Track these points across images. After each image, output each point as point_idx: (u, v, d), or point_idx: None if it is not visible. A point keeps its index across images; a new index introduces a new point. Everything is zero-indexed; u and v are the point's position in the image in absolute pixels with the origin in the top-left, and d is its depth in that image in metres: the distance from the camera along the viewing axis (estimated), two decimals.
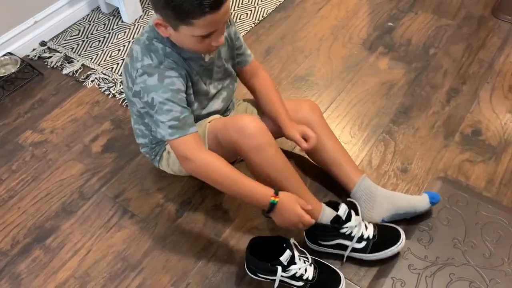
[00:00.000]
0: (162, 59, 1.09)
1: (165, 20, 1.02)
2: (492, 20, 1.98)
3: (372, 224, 1.23)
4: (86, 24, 2.06)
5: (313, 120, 1.34)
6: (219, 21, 1.00)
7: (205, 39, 1.03)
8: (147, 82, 1.07)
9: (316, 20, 2.03)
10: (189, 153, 1.08)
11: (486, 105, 1.66)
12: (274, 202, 1.10)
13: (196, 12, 0.95)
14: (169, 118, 1.07)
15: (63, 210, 1.42)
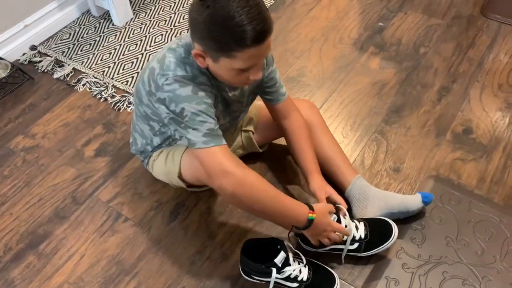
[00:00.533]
0: (197, 74, 1.05)
1: (205, 50, 0.99)
2: (481, 19, 2.00)
3: (363, 223, 1.24)
4: (76, 28, 2.05)
5: (312, 120, 1.37)
6: (261, 55, 0.98)
7: (243, 72, 1.01)
8: (177, 92, 1.02)
9: (307, 21, 2.04)
10: (231, 165, 1.01)
11: (477, 103, 1.67)
12: (312, 218, 1.10)
13: (239, 45, 0.93)
14: (204, 130, 1.03)
15: (56, 215, 1.42)
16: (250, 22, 0.90)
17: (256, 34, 0.92)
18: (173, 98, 1.03)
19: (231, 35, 0.92)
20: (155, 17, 2.08)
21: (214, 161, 1.02)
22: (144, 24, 2.05)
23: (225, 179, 1.01)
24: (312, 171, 1.27)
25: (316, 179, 1.26)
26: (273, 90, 1.28)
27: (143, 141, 1.30)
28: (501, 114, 1.63)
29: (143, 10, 2.12)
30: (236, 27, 0.90)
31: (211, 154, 1.03)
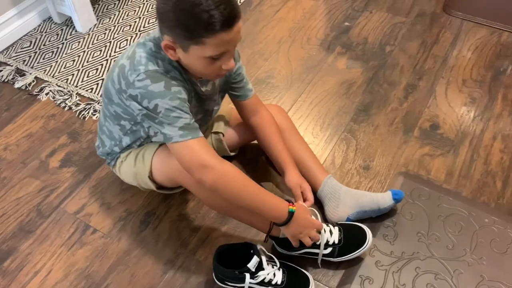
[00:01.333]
0: (169, 68, 1.04)
1: (174, 40, 0.97)
2: (443, 16, 2.04)
3: (338, 228, 1.23)
4: (37, 35, 1.99)
5: (281, 124, 1.37)
6: (231, 41, 0.96)
7: (215, 61, 0.99)
8: (149, 88, 1.00)
9: (274, 22, 2.03)
10: (210, 158, 1.00)
11: (442, 99, 1.70)
12: (293, 210, 1.09)
13: (208, 31, 0.92)
14: (179, 125, 1.01)
15: (21, 230, 1.37)
16: (217, 6, 0.90)
17: (224, 19, 0.91)
18: (145, 95, 1.01)
19: (199, 21, 0.91)
20: (119, 23, 2.04)
21: (192, 155, 1.01)
22: (108, 30, 2.01)
23: (205, 173, 1.00)
24: (287, 165, 1.27)
25: (292, 174, 1.26)
26: (241, 86, 1.28)
27: (111, 142, 1.26)
28: (466, 109, 1.66)
29: (107, 15, 2.07)
30: (203, 12, 0.90)
31: (189, 148, 1.01)
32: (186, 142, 1.01)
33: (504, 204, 1.39)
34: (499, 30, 1.95)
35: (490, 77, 1.77)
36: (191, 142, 1.01)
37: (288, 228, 1.12)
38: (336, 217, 1.30)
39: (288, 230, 1.12)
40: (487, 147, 1.54)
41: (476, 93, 1.71)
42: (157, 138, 1.06)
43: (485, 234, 1.31)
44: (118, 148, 1.26)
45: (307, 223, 1.13)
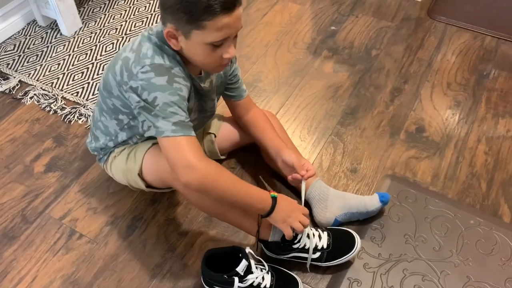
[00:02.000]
0: (174, 64, 1.04)
1: (176, 26, 0.98)
2: (428, 21, 2.07)
3: (327, 233, 1.24)
4: (22, 39, 1.96)
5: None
6: (231, 25, 0.97)
7: (216, 48, 1.00)
8: (152, 80, 1.00)
9: (261, 26, 2.04)
10: (195, 159, 0.98)
11: (428, 102, 1.72)
12: (275, 196, 1.10)
13: (209, 13, 0.93)
14: (174, 121, 1.00)
15: (5, 236, 1.34)
16: None
17: (224, 1, 0.93)
18: (146, 87, 1.01)
19: (200, 3, 0.92)
20: (105, 26, 2.02)
21: (178, 153, 0.99)
22: (94, 33, 1.99)
23: (189, 173, 0.98)
24: (283, 147, 1.28)
25: (289, 152, 1.26)
26: (236, 87, 1.31)
27: (106, 137, 1.25)
28: (451, 112, 1.68)
29: (93, 19, 2.06)
30: None
31: (177, 145, 1.00)
32: (176, 138, 1.00)
33: (489, 205, 1.41)
34: (482, 35, 1.99)
35: (474, 81, 1.79)
36: (181, 139, 1.00)
37: (276, 216, 1.10)
38: (325, 218, 1.30)
39: (276, 217, 1.11)
40: (471, 149, 1.56)
41: (460, 96, 1.74)
42: (150, 133, 1.04)
43: (471, 235, 1.32)
44: (113, 143, 1.25)
45: (292, 207, 1.14)
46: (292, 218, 1.12)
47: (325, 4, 2.16)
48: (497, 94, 1.75)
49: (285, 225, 1.12)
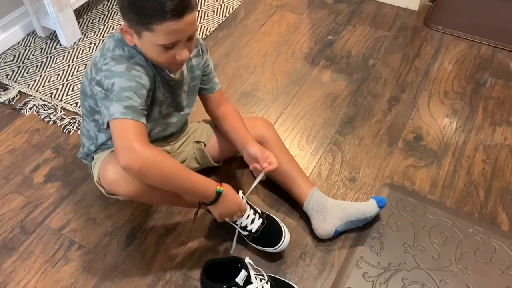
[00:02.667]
0: (134, 54, 1.07)
1: (129, 25, 1.01)
2: (424, 30, 2.09)
3: (262, 220, 1.27)
4: (21, 49, 1.97)
5: (267, 136, 1.38)
6: (182, 31, 0.99)
7: (168, 50, 1.02)
8: (112, 69, 1.03)
9: (259, 36, 2.05)
10: (137, 143, 0.97)
11: (425, 111, 1.73)
12: (220, 190, 1.10)
13: (157, 17, 0.95)
14: (126, 104, 1.00)
15: (4, 247, 1.34)
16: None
17: (173, 7, 0.94)
18: (107, 75, 1.04)
19: (149, 7, 0.94)
20: (104, 36, 2.04)
21: (123, 136, 0.99)
22: (93, 44, 2.00)
23: (131, 156, 0.97)
24: (249, 140, 1.27)
25: (255, 145, 1.25)
26: (209, 79, 1.32)
27: (89, 141, 1.27)
28: (449, 121, 1.69)
29: (92, 29, 2.07)
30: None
31: (124, 127, 0.99)
32: (124, 120, 0.99)
33: (487, 213, 1.42)
34: (478, 44, 2.01)
35: (470, 89, 1.81)
36: (129, 122, 0.99)
37: (215, 208, 1.13)
38: (325, 230, 1.31)
39: (215, 209, 1.14)
40: (469, 158, 1.57)
41: (457, 104, 1.75)
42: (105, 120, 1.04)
43: (470, 244, 1.32)
44: (94, 146, 1.26)
45: (234, 204, 1.15)
46: (229, 214, 1.17)
47: (323, 14, 2.18)
48: (493, 102, 1.76)
49: (220, 217, 1.17)
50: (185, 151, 1.39)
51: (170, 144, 1.36)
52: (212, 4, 2.21)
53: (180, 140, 1.38)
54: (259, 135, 1.37)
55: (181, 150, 1.38)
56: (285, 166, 1.36)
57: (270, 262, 1.30)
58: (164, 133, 1.29)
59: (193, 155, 1.40)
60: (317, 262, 1.30)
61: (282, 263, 1.30)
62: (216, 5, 2.20)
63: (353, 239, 1.34)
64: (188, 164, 1.40)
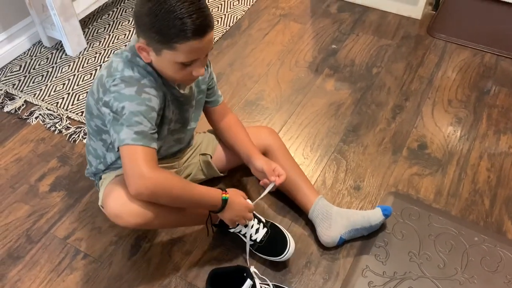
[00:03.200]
0: (144, 74, 1.07)
1: (147, 43, 1.01)
2: (428, 39, 2.09)
3: (266, 230, 1.28)
4: (27, 59, 1.99)
5: (272, 145, 1.39)
6: (202, 49, 1.01)
7: (186, 67, 1.03)
8: (122, 91, 1.03)
9: (263, 45, 2.07)
10: (147, 169, 0.99)
11: (429, 119, 1.73)
12: (226, 198, 1.13)
13: (180, 37, 0.96)
14: (136, 130, 1.02)
15: (9, 256, 1.34)
16: (189, 15, 0.94)
17: (196, 27, 0.95)
18: (117, 97, 1.03)
19: (172, 27, 0.95)
20: (109, 46, 2.06)
21: (134, 162, 1.00)
22: (98, 54, 2.02)
23: (142, 183, 1.00)
24: (254, 153, 1.27)
25: (260, 158, 1.26)
26: (213, 93, 1.32)
27: (97, 161, 1.26)
28: (453, 129, 1.69)
29: (97, 39, 2.09)
30: (176, 19, 0.94)
31: (134, 154, 1.00)
32: (135, 147, 1.00)
33: (492, 222, 1.41)
34: (481, 52, 2.01)
35: (474, 97, 1.81)
36: (139, 148, 1.00)
37: (224, 214, 1.15)
38: (329, 237, 1.31)
39: (224, 215, 1.16)
40: (474, 166, 1.57)
41: (461, 113, 1.75)
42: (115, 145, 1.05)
43: (475, 252, 1.32)
44: (103, 165, 1.25)
45: (241, 207, 1.18)
46: (239, 217, 1.18)
47: (326, 23, 2.19)
48: (498, 110, 1.76)
49: (231, 222, 1.18)
50: (192, 164, 1.40)
51: (177, 159, 1.35)
52: (217, 14, 2.23)
53: (186, 154, 1.39)
54: (264, 144, 1.38)
55: (188, 164, 1.39)
56: (290, 174, 1.35)
57: (275, 271, 1.29)
58: (172, 149, 1.30)
59: (199, 167, 1.41)
60: (322, 271, 1.30)
61: (287, 272, 1.29)
62: (220, 15, 2.22)
63: (358, 247, 1.34)
64: (195, 177, 1.41)
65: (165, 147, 1.25)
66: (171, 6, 0.94)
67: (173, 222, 1.25)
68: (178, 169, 1.36)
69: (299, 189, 1.37)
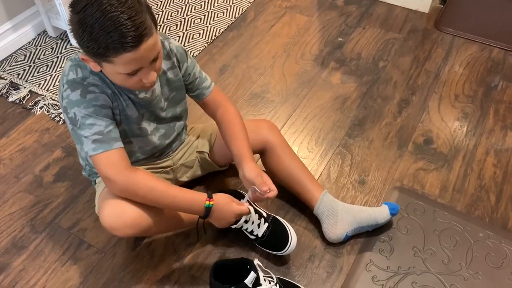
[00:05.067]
0: (87, 75, 1.04)
1: (87, 55, 0.96)
2: (435, 33, 2.07)
3: (267, 225, 1.27)
4: (32, 49, 1.99)
5: (272, 140, 1.35)
6: (141, 59, 0.94)
7: (132, 76, 0.98)
8: (70, 97, 1.03)
9: (269, 37, 2.05)
10: (112, 172, 1.03)
11: (435, 114, 1.72)
12: (209, 206, 1.10)
13: (111, 51, 0.90)
14: (93, 132, 1.03)
15: (14, 246, 1.35)
16: (116, 28, 0.88)
17: (125, 40, 0.89)
18: (68, 104, 1.04)
19: (102, 41, 0.89)
20: None
21: (100, 168, 1.04)
22: None
23: (110, 185, 1.06)
24: (245, 157, 1.18)
25: (250, 165, 1.17)
26: (195, 86, 1.24)
27: (84, 163, 1.28)
28: (459, 124, 1.68)
29: None
30: (103, 33, 0.88)
31: (99, 161, 1.04)
32: (97, 155, 1.04)
33: (498, 218, 1.40)
34: (489, 46, 1.99)
35: (481, 93, 1.79)
36: (102, 156, 1.04)
37: (211, 220, 1.15)
38: (335, 234, 1.30)
39: (212, 221, 1.16)
40: (480, 162, 1.56)
41: (468, 108, 1.74)
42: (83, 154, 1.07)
43: (480, 248, 1.31)
44: (89, 167, 1.26)
45: (229, 214, 1.14)
46: (227, 223, 1.17)
47: (333, 15, 2.17)
48: (505, 106, 1.74)
49: (220, 227, 1.18)
50: (189, 161, 1.37)
51: (170, 157, 1.33)
52: (222, 5, 2.21)
53: (180, 151, 1.36)
54: (264, 140, 1.34)
55: (184, 161, 1.36)
56: (293, 170, 1.35)
57: (278, 264, 1.29)
58: (157, 148, 1.26)
59: (198, 163, 1.39)
60: (325, 265, 1.29)
61: (291, 266, 1.29)
62: (226, 6, 2.21)
63: (363, 242, 1.34)
64: (195, 173, 1.40)
65: (149, 147, 1.23)
66: (97, 19, 0.87)
67: (171, 227, 1.26)
68: (175, 167, 1.35)
69: (303, 185, 1.34)
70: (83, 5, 0.89)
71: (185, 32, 2.07)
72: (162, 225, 1.18)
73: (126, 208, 1.07)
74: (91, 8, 0.88)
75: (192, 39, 2.04)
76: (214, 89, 1.27)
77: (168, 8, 2.19)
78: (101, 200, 1.14)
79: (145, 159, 1.27)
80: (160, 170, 1.32)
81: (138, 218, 1.09)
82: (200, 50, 1.98)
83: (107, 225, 1.09)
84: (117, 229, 1.09)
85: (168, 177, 1.34)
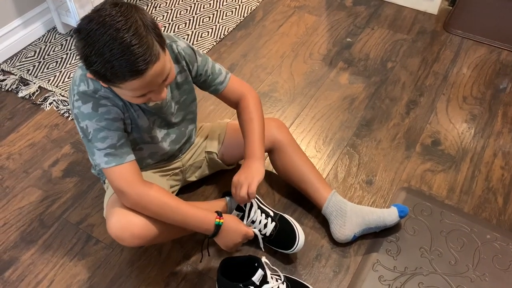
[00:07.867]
0: (99, 87, 1.02)
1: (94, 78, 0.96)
2: (444, 34, 2.07)
3: (275, 224, 1.27)
4: (42, 45, 2.00)
5: (281, 138, 1.35)
6: (149, 84, 0.93)
7: (142, 96, 0.97)
8: (81, 109, 1.03)
9: (277, 37, 2.06)
10: (125, 186, 1.04)
11: (443, 115, 1.72)
12: (220, 223, 1.11)
13: (117, 79, 0.90)
14: (105, 146, 1.03)
15: (23, 240, 1.36)
16: (117, 59, 0.86)
17: (129, 70, 0.88)
18: (79, 115, 1.04)
19: (106, 70, 0.88)
20: None
21: (113, 181, 1.06)
22: None
23: (123, 198, 1.07)
24: (246, 157, 1.19)
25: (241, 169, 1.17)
26: (209, 83, 1.22)
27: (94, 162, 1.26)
28: (467, 126, 1.68)
29: None
30: (106, 63, 0.87)
31: (112, 174, 1.05)
32: (110, 169, 1.05)
33: (505, 220, 1.40)
34: (498, 49, 1.99)
35: (490, 95, 1.79)
36: (114, 169, 1.05)
37: (218, 239, 1.15)
38: (343, 235, 1.30)
39: (218, 241, 1.16)
40: (488, 164, 1.56)
41: (476, 110, 1.73)
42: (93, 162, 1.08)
43: (488, 250, 1.31)
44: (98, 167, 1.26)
45: (237, 234, 1.16)
46: (234, 244, 1.18)
47: (341, 16, 2.17)
48: None
49: (226, 248, 1.18)
50: (197, 161, 1.38)
51: (180, 159, 1.34)
52: (231, 4, 2.22)
53: (189, 152, 1.36)
54: (272, 139, 1.33)
55: (193, 161, 1.37)
56: (301, 169, 1.35)
57: (285, 262, 1.30)
58: (167, 154, 1.27)
59: (206, 163, 1.39)
60: (332, 264, 1.30)
61: (298, 264, 1.30)
62: (235, 5, 2.21)
63: (370, 242, 1.34)
64: (203, 173, 1.41)
65: (161, 153, 1.24)
66: (99, 49, 0.86)
67: (176, 235, 1.25)
68: (184, 168, 1.35)
69: (311, 185, 1.34)
70: (85, 32, 0.88)
71: (194, 30, 2.08)
72: (168, 234, 1.18)
73: (133, 219, 1.08)
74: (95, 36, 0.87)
75: (200, 37, 2.04)
76: (231, 80, 1.24)
77: (177, 6, 2.20)
78: (110, 206, 1.14)
79: (155, 163, 1.28)
80: (170, 173, 1.32)
81: (145, 230, 1.09)
82: (208, 49, 1.99)
83: (114, 235, 1.09)
84: (124, 239, 1.09)
85: (177, 179, 1.35)
